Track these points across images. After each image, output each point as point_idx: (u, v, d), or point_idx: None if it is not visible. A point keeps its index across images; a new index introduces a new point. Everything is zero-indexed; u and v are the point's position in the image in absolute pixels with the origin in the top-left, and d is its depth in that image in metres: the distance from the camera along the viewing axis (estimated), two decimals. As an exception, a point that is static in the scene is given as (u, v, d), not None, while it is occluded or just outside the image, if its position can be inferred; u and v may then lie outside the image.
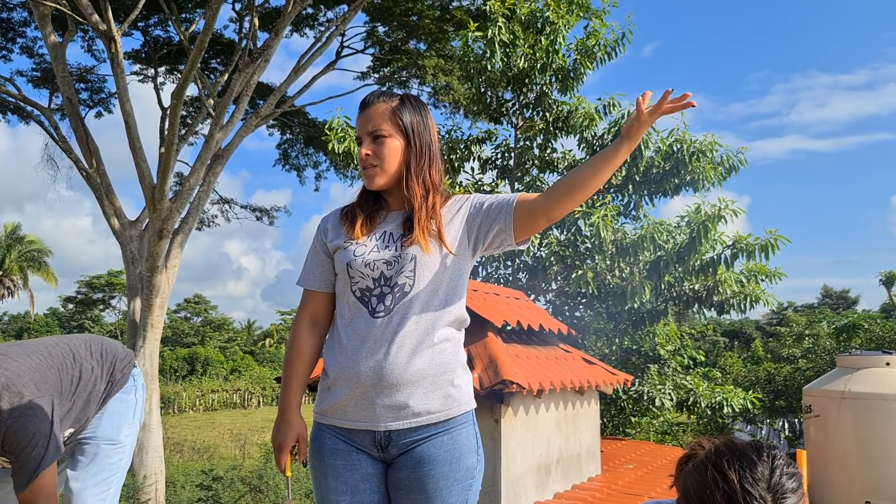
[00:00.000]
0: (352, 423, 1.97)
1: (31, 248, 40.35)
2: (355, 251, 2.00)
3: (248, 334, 62.01)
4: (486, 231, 2.00)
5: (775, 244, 8.82)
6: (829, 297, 55.15)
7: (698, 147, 9.70)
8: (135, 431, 2.67)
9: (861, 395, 5.40)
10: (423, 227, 1.96)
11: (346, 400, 1.96)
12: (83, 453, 2.53)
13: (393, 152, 2.00)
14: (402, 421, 1.93)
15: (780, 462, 1.29)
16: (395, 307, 1.94)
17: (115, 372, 2.61)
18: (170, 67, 15.26)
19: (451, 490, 1.94)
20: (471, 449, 2.00)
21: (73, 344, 2.55)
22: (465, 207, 2.04)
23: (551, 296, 10.50)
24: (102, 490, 2.53)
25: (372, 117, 2.01)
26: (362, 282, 1.98)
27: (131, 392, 2.65)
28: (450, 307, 1.99)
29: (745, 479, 1.25)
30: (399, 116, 2.01)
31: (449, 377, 1.98)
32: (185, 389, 37.67)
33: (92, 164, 12.28)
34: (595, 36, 10.33)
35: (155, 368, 11.86)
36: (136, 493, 10.69)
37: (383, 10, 13.72)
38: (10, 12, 13.93)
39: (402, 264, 1.95)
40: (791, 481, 1.27)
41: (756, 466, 1.27)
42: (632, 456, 7.80)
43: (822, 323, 23.23)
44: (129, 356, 2.72)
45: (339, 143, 9.57)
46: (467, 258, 2.04)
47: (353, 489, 1.97)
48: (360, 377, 1.93)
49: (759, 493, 1.24)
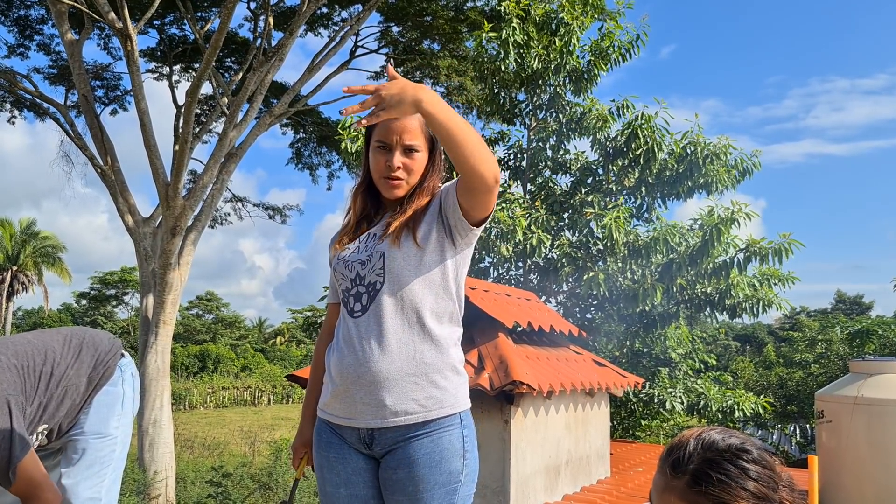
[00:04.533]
0: (338, 419, 2.00)
1: (45, 243, 40.68)
2: (339, 254, 2.04)
3: (259, 332, 62.25)
4: (449, 215, 1.94)
5: (789, 248, 8.76)
6: (843, 302, 54.74)
7: (712, 150, 9.64)
8: (126, 422, 2.65)
9: (874, 400, 5.35)
10: (399, 222, 1.95)
11: (332, 396, 2.00)
12: (73, 450, 2.53)
13: (420, 166, 2.00)
14: (381, 420, 1.92)
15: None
16: (370, 305, 1.94)
17: (98, 365, 2.59)
18: (185, 66, 15.33)
19: (432, 493, 1.91)
20: (455, 453, 1.93)
21: (49, 341, 2.53)
22: (436, 201, 2.00)
23: (562, 297, 10.47)
24: (96, 483, 2.52)
25: (408, 128, 1.96)
26: (343, 283, 2.01)
27: (118, 383, 2.63)
28: (428, 302, 1.94)
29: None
30: (429, 131, 1.99)
31: (431, 378, 1.92)
32: (196, 386, 37.84)
33: (107, 161, 12.36)
34: (609, 37, 10.30)
35: (166, 365, 11.93)
36: (146, 489, 10.75)
37: (398, 10, 13.74)
38: (27, 10, 14.04)
39: (372, 262, 1.96)
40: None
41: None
42: (641, 459, 7.77)
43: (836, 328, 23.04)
44: (114, 347, 2.69)
45: (351, 142, 9.58)
46: (447, 250, 1.96)
47: (346, 482, 2.00)
48: (343, 374, 1.95)
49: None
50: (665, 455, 1.31)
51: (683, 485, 1.25)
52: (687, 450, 1.27)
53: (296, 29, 11.84)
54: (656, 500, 1.30)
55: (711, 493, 1.22)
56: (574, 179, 10.61)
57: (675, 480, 1.26)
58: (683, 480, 1.25)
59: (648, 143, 9.52)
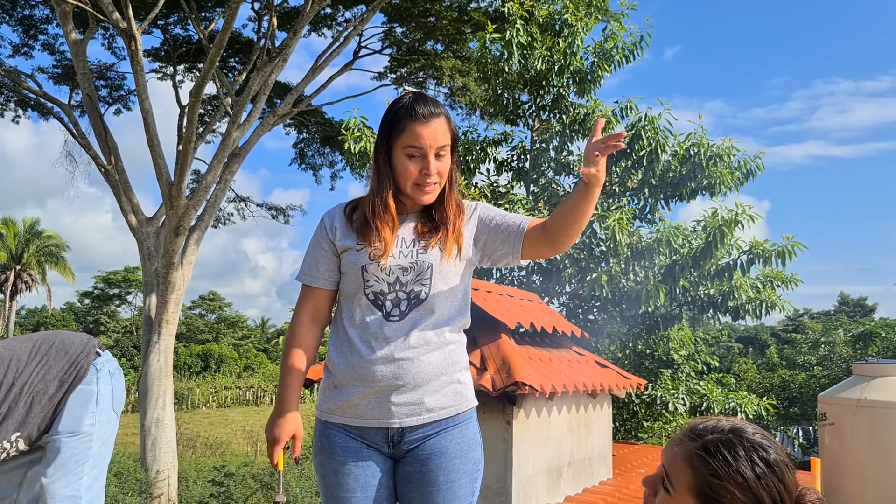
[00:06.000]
0: (364, 420, 1.99)
1: (49, 242, 40.79)
2: (371, 254, 1.99)
3: (261, 332, 62.34)
4: (493, 250, 2.08)
5: (792, 250, 8.75)
6: (846, 304, 54.68)
7: (715, 151, 9.64)
8: (104, 419, 2.65)
9: (877, 403, 5.34)
10: (456, 237, 2.01)
11: (358, 399, 1.98)
12: (49, 450, 2.55)
13: (448, 167, 2.03)
14: (416, 417, 1.98)
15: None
16: (410, 312, 1.98)
17: (69, 367, 2.61)
18: (189, 65, 15.36)
19: (461, 482, 2.00)
20: (476, 443, 2.08)
21: (17, 349, 2.55)
22: (474, 220, 2.09)
23: (565, 298, 10.47)
24: (73, 480, 2.53)
25: (438, 132, 1.97)
26: (377, 285, 1.99)
27: (93, 382, 2.63)
28: (460, 312, 2.08)
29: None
30: (451, 128, 2.02)
31: (457, 375, 2.05)
32: (198, 386, 37.93)
33: (110, 161, 12.39)
34: (613, 39, 10.30)
35: (169, 364, 11.95)
36: (148, 488, 10.77)
37: (401, 10, 13.74)
38: (32, 9, 14.08)
39: (418, 271, 1.98)
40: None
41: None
42: (644, 460, 7.77)
43: (839, 330, 23.03)
44: (87, 348, 2.70)
45: (354, 143, 9.58)
46: (473, 265, 2.11)
47: (364, 485, 2.00)
48: (376, 378, 1.96)
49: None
50: (693, 423, 1.35)
51: (694, 447, 1.27)
52: (717, 425, 1.31)
53: (299, 29, 11.86)
54: (666, 449, 1.34)
55: (711, 465, 1.24)
56: (577, 181, 10.61)
57: (690, 442, 1.29)
58: (697, 443, 1.28)
59: (652, 144, 9.52)
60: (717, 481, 1.23)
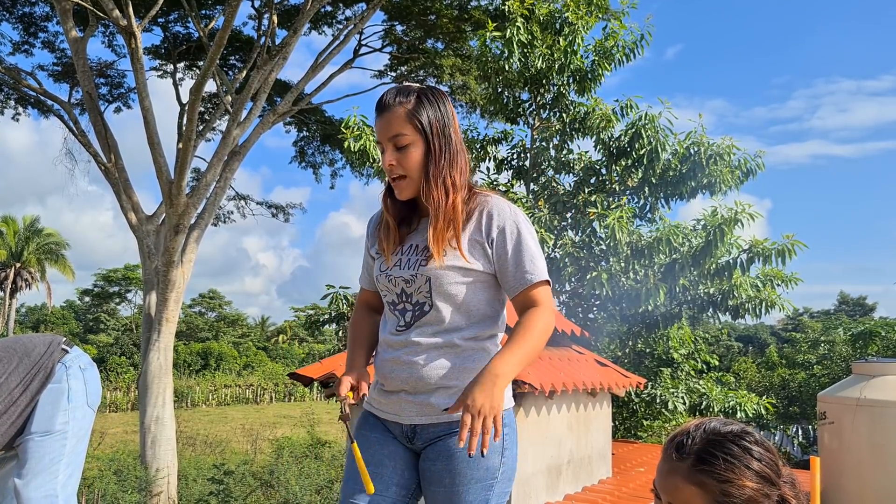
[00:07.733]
0: (385, 414, 2.06)
1: (49, 240, 40.79)
2: (381, 265, 2.05)
3: (261, 330, 62.34)
4: (498, 276, 2.02)
5: (792, 249, 8.74)
6: (846, 303, 54.68)
7: (716, 150, 9.63)
8: (77, 416, 2.63)
9: (877, 402, 5.34)
10: (438, 240, 1.92)
11: (377, 393, 2.08)
12: (23, 452, 2.55)
13: (415, 160, 1.92)
14: (426, 417, 1.99)
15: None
16: (415, 322, 1.99)
17: (34, 369, 2.59)
18: (189, 63, 15.35)
19: (468, 488, 1.95)
20: (493, 450, 1.96)
21: None
22: (492, 240, 1.98)
23: (565, 297, 10.47)
24: (48, 479, 2.52)
25: (391, 122, 1.91)
26: (388, 295, 2.05)
27: (62, 380, 2.62)
28: (474, 313, 2.00)
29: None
30: (417, 118, 1.91)
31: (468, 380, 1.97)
32: (198, 384, 37.96)
33: (110, 159, 12.39)
34: (614, 37, 10.29)
35: (169, 362, 11.95)
36: (148, 486, 10.78)
37: (401, 8, 13.73)
38: (32, 7, 14.08)
39: (418, 284, 1.97)
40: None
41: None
42: (643, 459, 7.78)
43: (839, 329, 23.03)
44: (52, 347, 2.67)
45: (355, 141, 9.57)
46: (489, 269, 1.99)
47: (377, 462, 2.03)
48: (388, 379, 2.02)
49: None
50: (668, 442, 1.34)
51: (688, 466, 1.27)
52: (690, 434, 1.30)
53: (300, 27, 11.86)
54: (660, 483, 1.31)
55: (716, 472, 1.24)
56: (577, 179, 10.60)
57: (680, 462, 1.28)
58: (688, 462, 1.27)
59: (652, 143, 9.51)
60: (729, 485, 1.23)
